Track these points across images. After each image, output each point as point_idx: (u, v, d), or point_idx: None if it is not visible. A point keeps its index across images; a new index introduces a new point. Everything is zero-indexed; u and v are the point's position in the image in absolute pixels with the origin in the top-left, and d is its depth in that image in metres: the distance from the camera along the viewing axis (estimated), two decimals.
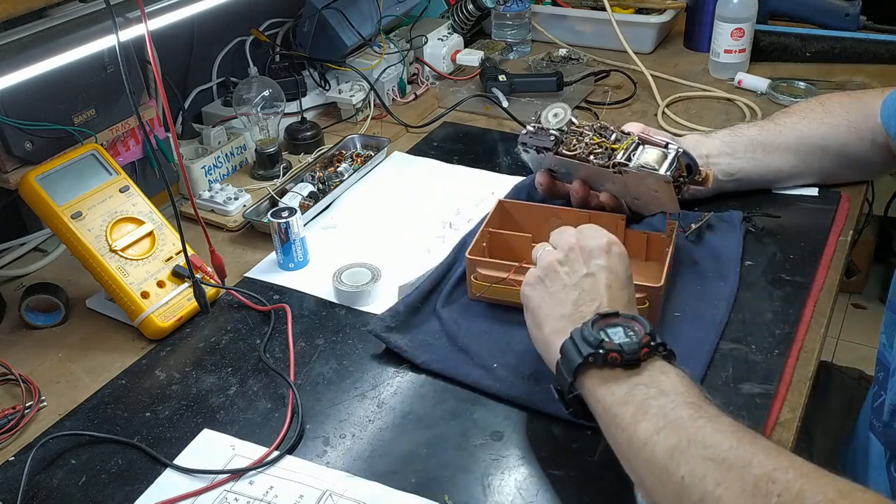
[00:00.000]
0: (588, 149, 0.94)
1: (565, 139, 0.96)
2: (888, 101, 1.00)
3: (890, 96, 1.00)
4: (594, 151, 0.93)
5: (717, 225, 1.01)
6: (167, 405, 0.82)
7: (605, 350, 0.65)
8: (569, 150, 0.95)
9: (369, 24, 1.37)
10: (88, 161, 0.96)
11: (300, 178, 1.17)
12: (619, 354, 0.65)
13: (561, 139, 0.96)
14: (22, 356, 0.90)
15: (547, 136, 0.96)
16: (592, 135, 0.95)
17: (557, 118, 0.97)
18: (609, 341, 0.66)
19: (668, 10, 1.60)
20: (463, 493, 0.71)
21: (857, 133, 1.02)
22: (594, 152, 0.93)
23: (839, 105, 1.04)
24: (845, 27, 1.51)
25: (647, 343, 0.65)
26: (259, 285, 0.99)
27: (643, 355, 0.65)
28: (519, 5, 1.56)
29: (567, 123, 0.96)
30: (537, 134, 0.97)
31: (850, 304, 2.48)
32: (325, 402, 0.81)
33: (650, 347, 0.65)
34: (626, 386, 0.65)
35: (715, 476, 0.56)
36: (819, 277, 0.94)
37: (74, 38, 0.84)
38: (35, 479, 0.74)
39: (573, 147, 0.95)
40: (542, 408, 0.78)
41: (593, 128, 0.96)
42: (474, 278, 0.90)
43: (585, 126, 0.96)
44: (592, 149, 0.94)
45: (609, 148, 0.93)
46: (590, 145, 0.94)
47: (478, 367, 0.83)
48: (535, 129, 0.98)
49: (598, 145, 0.93)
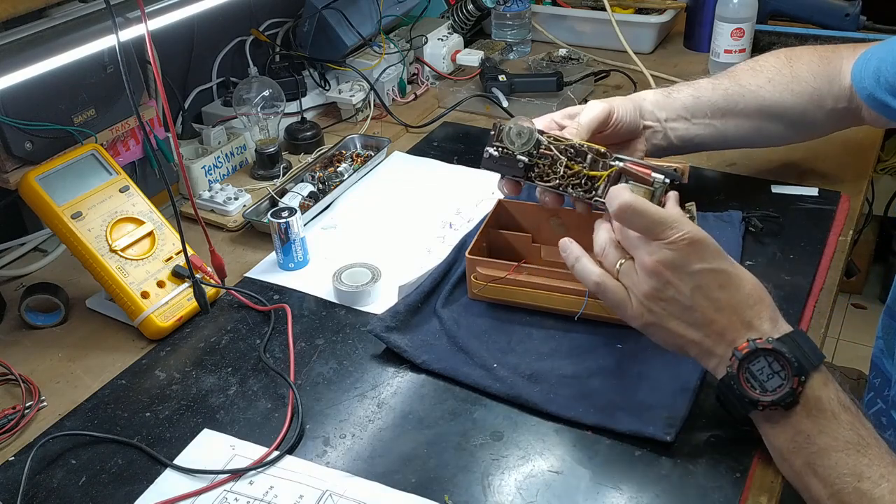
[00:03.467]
0: (566, 180, 0.83)
1: (537, 164, 0.84)
2: (860, 63, 0.98)
3: (862, 58, 0.98)
4: (572, 183, 0.83)
5: (716, 225, 1.01)
6: (167, 405, 0.82)
7: (763, 408, 0.67)
8: (543, 181, 0.84)
9: (369, 24, 1.37)
10: (88, 161, 0.96)
11: (300, 178, 1.17)
12: (777, 406, 0.66)
13: (531, 164, 0.84)
14: (22, 356, 0.90)
15: (514, 162, 0.84)
16: (566, 160, 0.83)
17: (522, 138, 0.83)
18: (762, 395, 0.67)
19: (668, 10, 1.60)
20: (463, 493, 0.71)
21: (819, 101, 1.00)
22: (572, 184, 0.83)
23: (807, 69, 1.01)
24: (845, 27, 1.51)
25: (796, 385, 0.66)
26: (259, 285, 0.99)
27: (798, 395, 0.66)
28: (519, 5, 1.56)
29: (535, 145, 0.84)
30: (502, 158, 0.85)
31: (850, 304, 2.48)
32: (325, 402, 0.81)
33: (800, 382, 0.66)
34: (791, 432, 0.67)
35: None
36: (819, 277, 0.94)
37: (74, 38, 0.84)
38: (35, 479, 0.74)
39: (547, 176, 0.84)
40: (542, 408, 0.78)
41: (561, 149, 0.83)
42: (474, 278, 0.90)
43: (553, 145, 0.84)
44: (570, 180, 0.83)
45: (586, 176, 0.82)
46: (567, 176, 0.83)
47: (478, 367, 0.83)
48: (498, 154, 0.85)
49: (575, 175, 0.83)
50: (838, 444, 0.64)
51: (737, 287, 0.70)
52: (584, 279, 0.75)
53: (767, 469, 0.72)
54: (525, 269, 0.88)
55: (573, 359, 0.83)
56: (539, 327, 0.88)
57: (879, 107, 0.95)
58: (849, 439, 0.64)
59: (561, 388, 0.80)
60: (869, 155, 1.21)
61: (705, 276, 0.69)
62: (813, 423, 0.65)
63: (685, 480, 0.71)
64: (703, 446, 0.74)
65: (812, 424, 0.65)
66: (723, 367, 0.70)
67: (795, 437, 0.66)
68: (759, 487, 0.71)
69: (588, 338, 0.86)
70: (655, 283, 0.70)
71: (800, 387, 0.65)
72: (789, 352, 0.66)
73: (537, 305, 0.88)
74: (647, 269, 0.70)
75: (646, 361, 0.82)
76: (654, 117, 0.98)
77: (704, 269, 0.69)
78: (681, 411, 0.76)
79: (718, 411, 0.76)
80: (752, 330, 0.69)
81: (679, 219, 0.70)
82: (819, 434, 0.65)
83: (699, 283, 0.69)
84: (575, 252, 0.77)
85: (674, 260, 0.69)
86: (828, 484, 0.64)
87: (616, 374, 0.81)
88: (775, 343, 0.67)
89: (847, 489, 0.63)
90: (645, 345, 0.75)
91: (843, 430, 0.65)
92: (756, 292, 0.71)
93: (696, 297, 0.69)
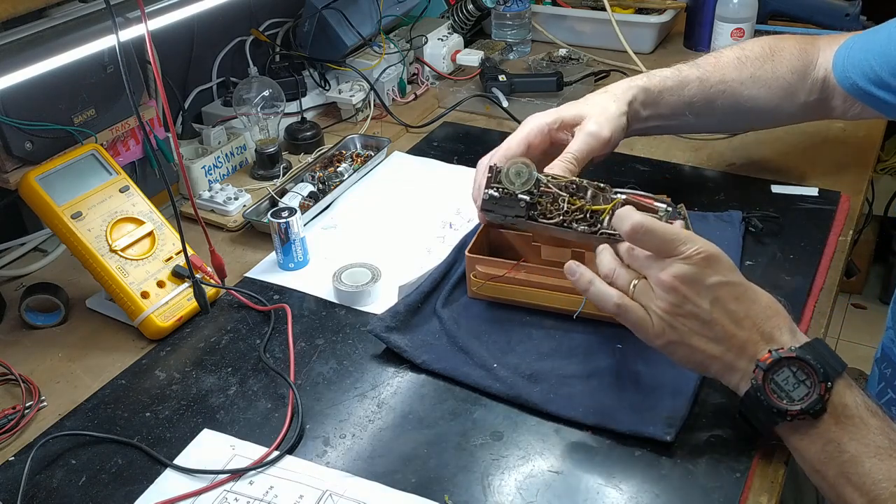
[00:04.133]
0: (569, 216, 0.81)
1: (539, 202, 0.83)
2: (842, 53, 0.98)
3: (844, 48, 0.98)
4: (576, 218, 0.81)
5: (716, 225, 1.01)
6: (167, 405, 0.82)
7: (791, 417, 0.66)
8: (546, 218, 0.82)
9: (369, 24, 1.37)
10: (88, 161, 0.96)
11: (300, 178, 1.17)
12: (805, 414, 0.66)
13: (533, 203, 0.83)
14: (22, 356, 0.90)
15: (515, 202, 0.82)
16: (567, 196, 0.82)
17: (521, 178, 0.82)
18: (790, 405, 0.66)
19: (668, 10, 1.60)
20: (463, 493, 0.71)
21: (792, 96, 1.01)
22: (576, 219, 0.81)
23: (788, 65, 1.00)
24: (845, 27, 1.51)
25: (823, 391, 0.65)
26: (259, 285, 0.99)
27: (826, 402, 0.65)
28: (519, 5, 1.56)
29: (535, 184, 0.83)
30: (502, 200, 0.83)
31: (850, 304, 2.48)
32: (325, 402, 0.81)
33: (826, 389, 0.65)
34: (821, 441, 0.66)
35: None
36: (819, 277, 0.94)
37: (74, 38, 0.84)
38: (35, 479, 0.74)
39: (550, 213, 0.82)
40: (542, 408, 0.78)
41: (560, 185, 0.83)
42: (473, 276, 0.90)
43: (552, 183, 0.83)
44: (574, 215, 0.81)
45: (590, 210, 0.81)
46: (570, 211, 0.81)
47: (478, 366, 0.83)
48: (499, 195, 0.83)
49: (578, 210, 0.81)
50: (870, 450, 0.64)
51: (753, 300, 0.70)
52: (601, 302, 0.74)
53: (767, 469, 0.72)
54: (524, 267, 0.88)
55: (573, 359, 0.83)
56: (539, 327, 0.88)
57: (864, 97, 0.96)
58: (880, 444, 0.64)
59: (561, 387, 0.80)
60: (869, 155, 1.21)
61: (722, 289, 0.69)
62: (842, 431, 0.65)
63: (685, 480, 0.71)
64: (703, 446, 0.74)
65: (842, 432, 0.65)
66: (746, 381, 0.69)
67: (826, 447, 0.66)
68: (759, 487, 0.71)
69: (588, 338, 0.86)
70: (674, 298, 0.69)
71: (826, 393, 0.65)
72: (813, 359, 0.66)
73: (535, 304, 0.88)
74: (665, 286, 0.69)
75: (646, 361, 0.82)
76: (639, 116, 0.98)
77: (721, 282, 0.69)
78: (681, 411, 0.76)
79: (719, 411, 0.76)
80: (773, 342, 0.69)
81: (692, 235, 0.70)
82: (850, 441, 0.65)
83: (717, 295, 0.69)
84: (586, 275, 0.75)
85: (691, 274, 0.69)
86: (864, 492, 0.63)
87: (616, 374, 0.81)
88: (798, 351, 0.67)
89: (884, 495, 0.62)
90: (644, 345, 0.75)
91: (874, 435, 0.64)
92: (773, 305, 0.71)
93: (715, 310, 0.69)
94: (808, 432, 0.66)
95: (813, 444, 0.66)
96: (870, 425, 0.65)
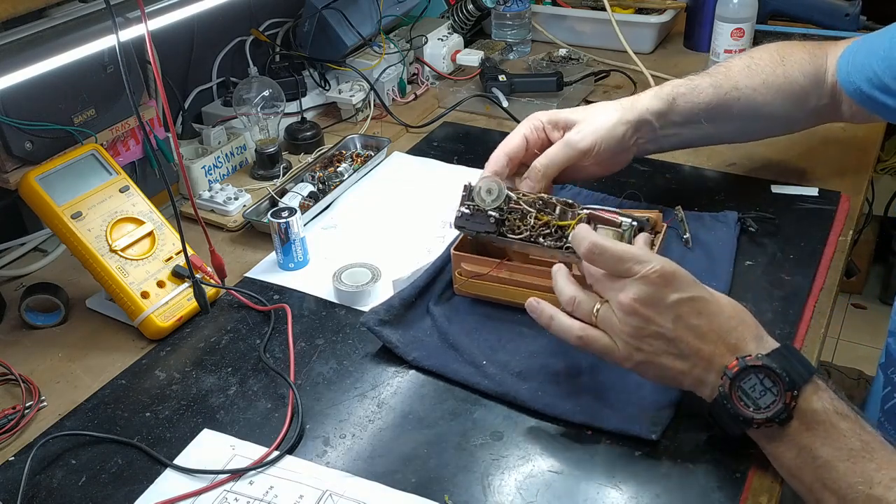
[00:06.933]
0: (536, 231, 0.85)
1: (507, 218, 0.87)
2: (846, 58, 0.98)
3: (848, 52, 0.98)
4: (542, 233, 0.85)
5: (711, 225, 1.01)
6: (167, 405, 0.82)
7: (758, 425, 0.67)
8: (514, 233, 0.86)
9: (369, 24, 1.37)
10: (88, 161, 0.96)
11: (300, 178, 1.17)
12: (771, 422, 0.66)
13: (502, 219, 0.87)
14: (22, 356, 0.90)
15: (486, 218, 0.87)
16: (535, 212, 0.85)
17: (492, 195, 0.86)
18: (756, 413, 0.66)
19: (668, 10, 1.60)
20: (463, 493, 0.71)
21: (804, 101, 1.01)
22: (542, 234, 0.85)
23: (799, 69, 1.00)
24: (845, 27, 1.51)
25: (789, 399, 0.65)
26: (259, 285, 0.99)
27: (792, 410, 0.66)
28: (519, 5, 1.56)
29: (504, 200, 0.86)
30: (474, 216, 0.87)
31: (850, 304, 2.48)
32: (325, 402, 0.81)
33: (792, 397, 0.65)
34: (794, 448, 0.66)
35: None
36: (819, 277, 0.94)
37: (74, 38, 0.84)
38: (35, 479, 0.74)
39: (518, 229, 0.86)
40: (530, 405, 0.78)
41: (529, 202, 0.86)
42: (458, 273, 0.90)
43: (521, 200, 0.87)
44: (540, 231, 0.85)
45: (556, 226, 0.85)
46: (536, 226, 0.85)
47: (467, 364, 0.83)
48: (470, 211, 0.88)
49: (545, 225, 0.85)
50: (842, 454, 0.64)
51: (715, 313, 0.70)
52: (564, 336, 0.75)
53: (767, 469, 0.72)
54: (507, 266, 0.88)
55: (561, 357, 0.84)
56: (529, 325, 0.87)
57: (867, 101, 0.96)
58: (852, 447, 0.64)
59: (549, 385, 0.80)
60: (869, 155, 1.21)
61: (683, 306, 0.69)
62: (814, 436, 0.65)
63: (685, 480, 0.71)
64: (703, 446, 0.74)
65: (813, 437, 0.65)
66: (716, 392, 0.69)
67: (799, 454, 0.66)
68: (759, 487, 0.71)
69: None
70: (635, 321, 0.70)
71: (793, 402, 0.65)
72: (779, 367, 0.66)
73: (517, 303, 0.88)
74: (625, 308, 0.70)
75: None
76: (652, 127, 0.98)
77: (681, 299, 0.69)
78: (666, 410, 0.76)
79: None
80: (739, 352, 0.69)
81: (647, 254, 0.71)
82: (822, 447, 0.65)
83: (678, 312, 0.69)
84: (547, 311, 0.76)
85: (649, 295, 0.69)
86: (840, 496, 0.64)
87: (603, 373, 0.81)
88: (765, 359, 0.67)
89: (860, 497, 0.63)
90: None
91: (845, 438, 0.64)
92: (737, 314, 0.71)
93: (678, 327, 0.69)
94: (780, 439, 0.67)
95: (788, 451, 0.67)
96: (840, 429, 0.65)
